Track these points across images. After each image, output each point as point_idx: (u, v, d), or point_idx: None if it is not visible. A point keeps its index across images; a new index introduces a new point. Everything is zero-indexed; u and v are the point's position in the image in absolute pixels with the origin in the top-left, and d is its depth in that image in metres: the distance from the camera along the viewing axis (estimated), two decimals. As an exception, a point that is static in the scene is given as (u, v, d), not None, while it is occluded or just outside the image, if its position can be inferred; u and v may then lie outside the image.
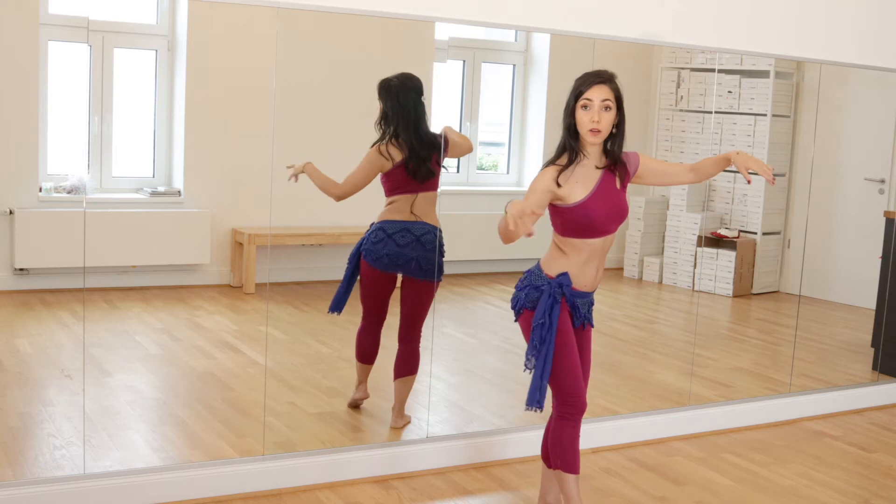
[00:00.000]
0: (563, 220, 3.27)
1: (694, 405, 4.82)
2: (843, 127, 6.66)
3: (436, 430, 4.28)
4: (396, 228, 4.23)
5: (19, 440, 3.94)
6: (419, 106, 4.21)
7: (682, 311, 6.44)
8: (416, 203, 4.24)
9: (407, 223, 4.23)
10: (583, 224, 3.24)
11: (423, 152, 4.19)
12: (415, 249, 4.22)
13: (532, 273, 3.35)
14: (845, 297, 6.69)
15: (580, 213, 3.23)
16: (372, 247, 4.24)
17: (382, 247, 4.22)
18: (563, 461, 3.31)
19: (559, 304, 3.26)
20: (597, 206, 3.23)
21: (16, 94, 5.04)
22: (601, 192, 3.25)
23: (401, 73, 4.24)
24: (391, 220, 4.24)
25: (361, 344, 4.40)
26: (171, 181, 5.51)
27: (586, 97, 3.21)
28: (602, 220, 3.25)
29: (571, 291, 3.29)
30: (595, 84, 3.22)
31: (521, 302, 3.33)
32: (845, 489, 4.12)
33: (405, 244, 4.22)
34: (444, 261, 4.33)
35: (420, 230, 4.23)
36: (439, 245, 4.28)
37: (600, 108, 3.20)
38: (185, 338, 5.17)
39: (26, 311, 5.11)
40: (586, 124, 3.21)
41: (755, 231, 6.62)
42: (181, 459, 3.87)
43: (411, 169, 4.18)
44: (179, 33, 5.47)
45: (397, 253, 4.21)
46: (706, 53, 6.05)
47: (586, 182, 3.25)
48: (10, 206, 5.01)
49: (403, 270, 4.25)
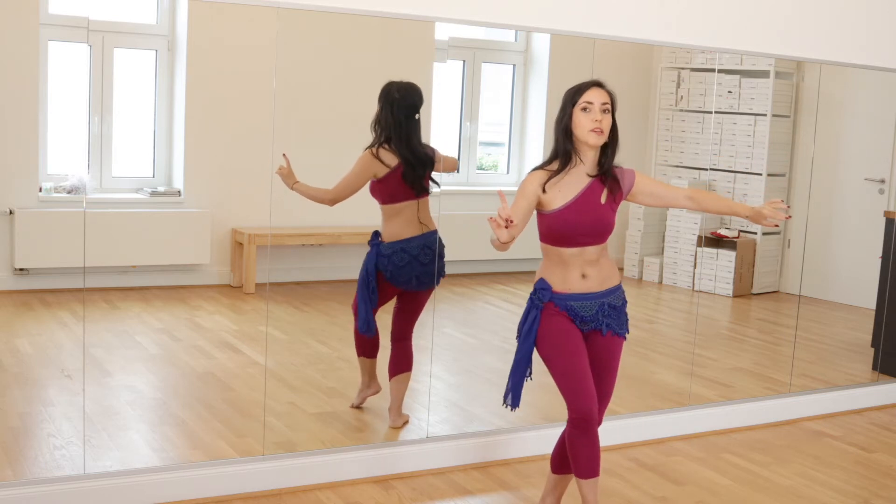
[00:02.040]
0: (543, 225, 3.27)
1: (694, 405, 4.82)
2: (843, 127, 6.66)
3: (436, 430, 4.28)
4: (418, 247, 4.20)
5: (19, 440, 3.94)
6: (411, 122, 4.17)
7: (682, 311, 6.44)
8: (420, 209, 4.23)
9: (422, 238, 4.21)
10: (558, 231, 3.21)
11: (418, 170, 4.18)
12: (433, 262, 4.23)
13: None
14: (845, 297, 6.69)
15: (555, 222, 3.20)
16: (397, 270, 4.19)
17: (410, 269, 4.20)
18: (578, 468, 3.28)
19: (538, 311, 3.26)
20: (572, 218, 3.19)
21: (16, 94, 5.04)
22: (581, 203, 3.20)
23: (406, 83, 4.20)
24: (408, 237, 4.20)
25: (360, 339, 4.37)
26: (171, 181, 5.51)
27: (586, 100, 3.18)
28: (576, 232, 3.19)
29: (557, 295, 3.26)
30: (593, 87, 3.21)
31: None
32: (845, 489, 4.12)
33: (428, 262, 4.21)
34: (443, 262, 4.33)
35: (433, 241, 4.23)
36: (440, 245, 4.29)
37: (600, 109, 3.18)
38: (185, 338, 5.17)
39: (26, 311, 5.11)
40: (588, 125, 3.17)
41: (755, 231, 6.62)
42: (181, 459, 3.87)
43: (408, 178, 4.17)
44: (179, 33, 5.47)
45: (423, 272, 4.21)
46: (706, 53, 6.05)
47: (569, 191, 3.21)
48: (10, 206, 5.01)
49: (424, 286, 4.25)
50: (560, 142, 3.23)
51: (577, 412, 3.21)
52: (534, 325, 3.25)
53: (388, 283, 4.25)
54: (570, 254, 3.24)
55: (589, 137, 3.18)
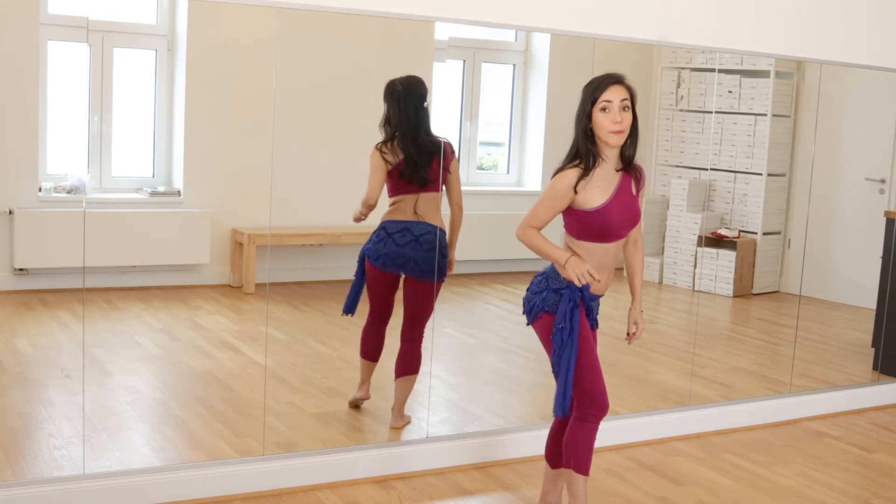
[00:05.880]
0: (580, 224, 3.24)
1: (694, 405, 4.82)
2: (843, 127, 6.66)
3: (436, 430, 4.28)
4: (397, 228, 4.23)
5: (19, 440, 3.94)
6: (420, 112, 4.19)
7: (683, 311, 6.44)
8: (418, 203, 4.24)
9: (408, 223, 4.23)
10: (599, 229, 3.22)
11: (419, 159, 4.18)
12: (413, 249, 4.22)
13: (548, 276, 3.31)
14: (845, 297, 6.69)
15: (598, 218, 3.20)
16: (373, 246, 4.25)
17: (382, 246, 4.22)
18: (575, 461, 3.29)
19: (579, 308, 3.25)
20: (615, 212, 3.21)
21: (16, 94, 5.04)
22: (620, 197, 3.23)
23: (407, 76, 4.22)
24: (393, 219, 4.25)
25: (366, 340, 4.41)
26: (171, 181, 5.51)
27: (605, 99, 3.16)
28: (618, 225, 3.24)
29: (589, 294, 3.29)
30: (612, 84, 3.18)
31: (537, 306, 3.30)
32: (845, 489, 4.12)
33: (404, 244, 4.22)
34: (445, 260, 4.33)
35: (420, 230, 4.23)
36: (441, 245, 4.27)
37: (620, 108, 3.16)
38: (185, 338, 5.17)
39: (26, 311, 5.11)
40: (608, 126, 3.16)
41: (755, 231, 6.62)
42: (181, 459, 3.87)
43: (406, 174, 4.17)
44: (179, 33, 5.47)
45: (396, 252, 4.21)
46: (706, 53, 6.05)
47: (606, 186, 3.22)
48: (10, 206, 5.01)
49: (403, 270, 4.25)
50: (581, 142, 3.22)
51: (601, 407, 3.28)
52: (576, 325, 3.23)
53: (373, 267, 4.26)
54: (605, 248, 3.26)
55: (610, 139, 3.18)
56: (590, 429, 3.28)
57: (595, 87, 3.20)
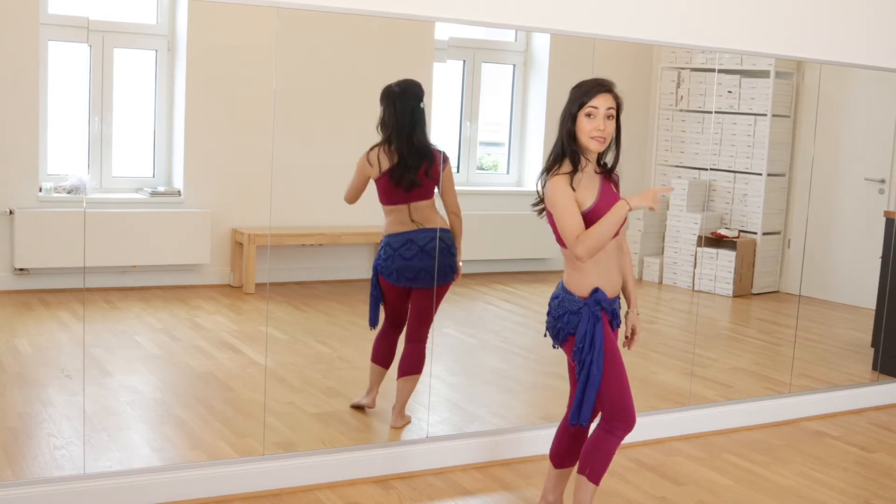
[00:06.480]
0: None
1: (694, 405, 4.82)
2: (843, 127, 6.66)
3: (436, 430, 4.28)
4: (401, 242, 4.23)
5: (19, 440, 3.94)
6: (416, 113, 4.19)
7: (683, 311, 6.44)
8: (412, 212, 4.24)
9: (409, 233, 4.23)
10: None
11: (411, 161, 4.18)
12: (421, 260, 4.22)
13: (562, 299, 3.29)
14: (845, 297, 6.69)
15: (593, 219, 3.19)
16: (383, 263, 4.27)
17: (392, 262, 4.24)
18: (591, 470, 3.28)
19: (601, 322, 3.23)
20: (605, 211, 3.20)
21: (16, 94, 5.04)
22: (605, 198, 3.23)
23: (404, 79, 4.22)
24: (395, 232, 4.25)
25: (378, 346, 4.43)
26: (171, 181, 5.51)
27: (592, 105, 3.17)
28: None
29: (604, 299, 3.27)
30: (600, 92, 3.19)
31: (564, 330, 3.28)
32: (845, 489, 4.12)
33: (411, 256, 4.22)
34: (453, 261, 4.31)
35: (423, 239, 4.22)
36: (447, 244, 4.26)
37: (605, 115, 3.18)
38: (185, 338, 5.17)
39: (26, 311, 5.11)
40: (590, 132, 3.17)
41: (755, 231, 6.62)
42: (181, 459, 3.87)
43: (395, 178, 4.17)
44: (179, 33, 5.47)
45: (405, 266, 4.22)
46: (706, 53, 6.05)
47: (592, 189, 3.23)
48: (10, 206, 5.01)
49: (415, 283, 4.25)
50: (566, 144, 3.23)
51: (628, 422, 3.26)
52: (598, 341, 3.21)
53: (391, 284, 4.27)
54: (605, 249, 3.23)
55: (590, 144, 3.20)
56: (613, 442, 3.27)
57: (584, 91, 3.20)
